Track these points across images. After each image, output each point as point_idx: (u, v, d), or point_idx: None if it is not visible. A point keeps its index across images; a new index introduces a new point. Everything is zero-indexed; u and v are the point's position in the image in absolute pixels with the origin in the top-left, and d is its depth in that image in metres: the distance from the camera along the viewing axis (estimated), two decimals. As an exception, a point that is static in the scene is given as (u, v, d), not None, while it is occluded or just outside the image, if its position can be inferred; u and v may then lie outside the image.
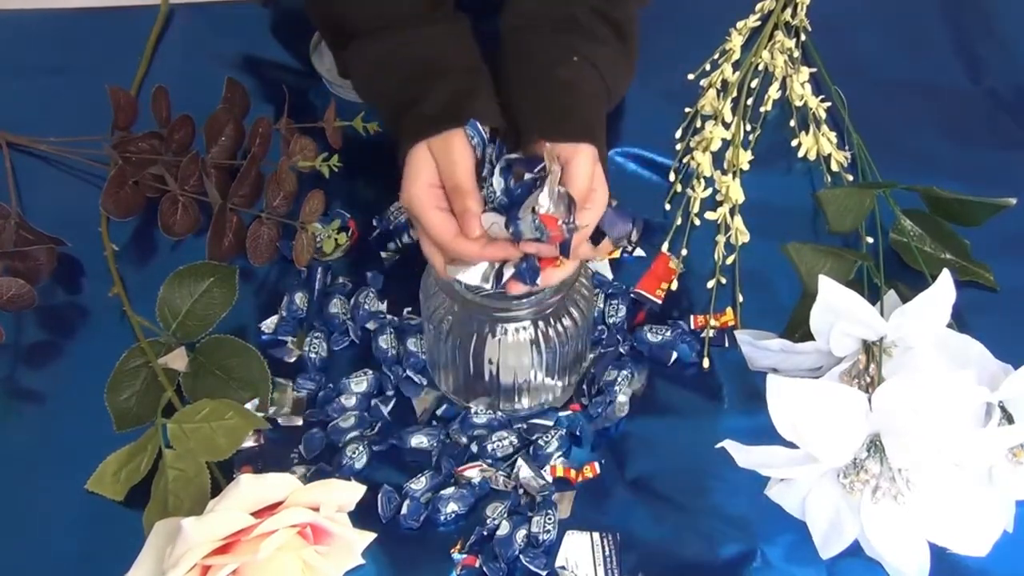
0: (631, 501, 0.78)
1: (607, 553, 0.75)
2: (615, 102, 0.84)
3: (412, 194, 0.73)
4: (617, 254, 0.90)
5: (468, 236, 0.71)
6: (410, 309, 0.87)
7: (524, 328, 0.76)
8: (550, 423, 0.80)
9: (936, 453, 0.69)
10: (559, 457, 0.79)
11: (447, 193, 0.73)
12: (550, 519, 0.75)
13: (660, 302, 0.87)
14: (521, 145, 0.75)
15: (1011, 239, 0.89)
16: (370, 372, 0.83)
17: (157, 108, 0.92)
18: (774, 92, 1.00)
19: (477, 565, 0.74)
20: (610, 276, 0.89)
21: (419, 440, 0.80)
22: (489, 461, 0.79)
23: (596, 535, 0.75)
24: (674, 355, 0.84)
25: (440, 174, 0.74)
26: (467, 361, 0.78)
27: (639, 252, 0.90)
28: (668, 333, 0.84)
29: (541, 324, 0.77)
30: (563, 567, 0.74)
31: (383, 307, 0.87)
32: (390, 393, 0.83)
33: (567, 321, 0.77)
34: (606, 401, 0.81)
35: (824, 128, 0.97)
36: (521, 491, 0.78)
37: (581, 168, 0.73)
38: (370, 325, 0.86)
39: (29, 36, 1.06)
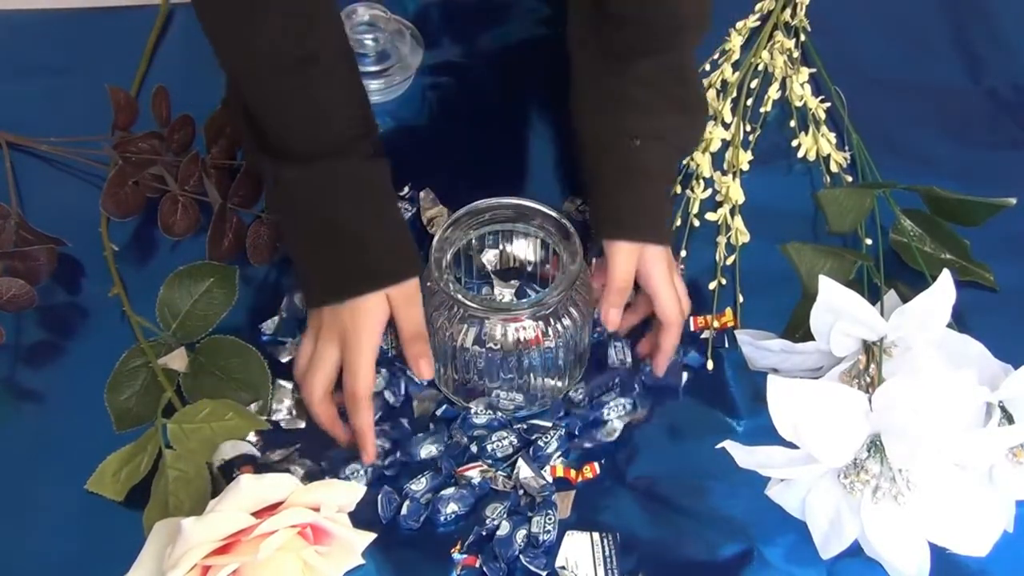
0: (631, 501, 0.78)
1: (607, 553, 0.75)
2: (692, 150, 0.91)
3: (368, 341, 0.76)
4: None
5: (422, 377, 0.78)
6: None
7: (524, 328, 0.77)
8: (549, 423, 0.80)
9: (936, 453, 0.69)
10: (559, 457, 0.79)
11: (404, 340, 0.77)
12: (550, 519, 0.75)
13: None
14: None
15: (1011, 239, 0.89)
16: (383, 370, 0.83)
17: (157, 108, 0.92)
18: (774, 92, 1.00)
19: (477, 565, 0.74)
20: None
21: (428, 450, 0.79)
22: (489, 461, 0.79)
23: (596, 535, 0.75)
24: (685, 376, 0.82)
25: (399, 322, 0.77)
26: (466, 361, 0.78)
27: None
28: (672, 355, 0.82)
29: (541, 324, 0.77)
30: (563, 567, 0.74)
31: None
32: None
33: (567, 320, 0.77)
34: (589, 419, 0.80)
35: (824, 128, 0.96)
36: (521, 491, 0.78)
37: (617, 264, 0.79)
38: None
39: (29, 36, 1.06)
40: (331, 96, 0.76)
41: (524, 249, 0.84)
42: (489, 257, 0.85)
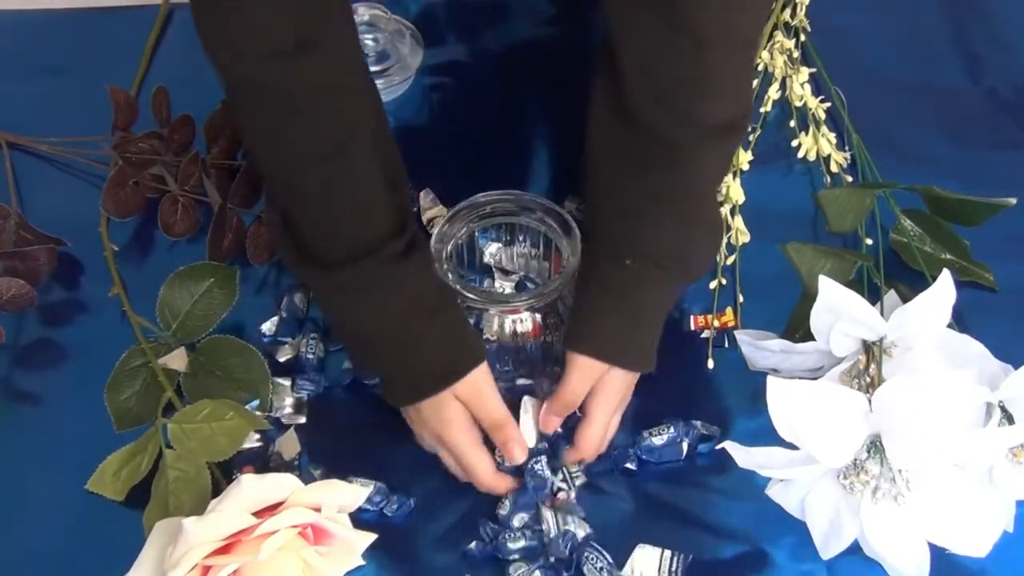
0: (631, 501, 0.78)
1: (673, 568, 0.74)
2: (699, 276, 0.80)
3: (461, 441, 0.75)
4: None
5: (514, 462, 0.75)
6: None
7: (523, 321, 0.77)
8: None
9: (936, 453, 0.69)
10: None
11: (487, 429, 0.75)
12: None
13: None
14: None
15: (1011, 239, 0.89)
16: None
17: (157, 108, 0.92)
18: (774, 92, 1.00)
19: None
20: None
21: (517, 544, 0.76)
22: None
23: (668, 552, 0.75)
24: (686, 447, 0.79)
25: (475, 413, 0.75)
26: None
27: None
28: (671, 430, 0.79)
29: (539, 316, 0.77)
30: None
31: None
32: None
33: (566, 313, 0.77)
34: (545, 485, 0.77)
35: (824, 128, 0.97)
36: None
37: (571, 378, 0.75)
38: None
39: (29, 36, 1.06)
40: (365, 181, 0.72)
41: (525, 244, 0.84)
42: (492, 250, 0.85)
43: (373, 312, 0.73)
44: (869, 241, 0.89)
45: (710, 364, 0.84)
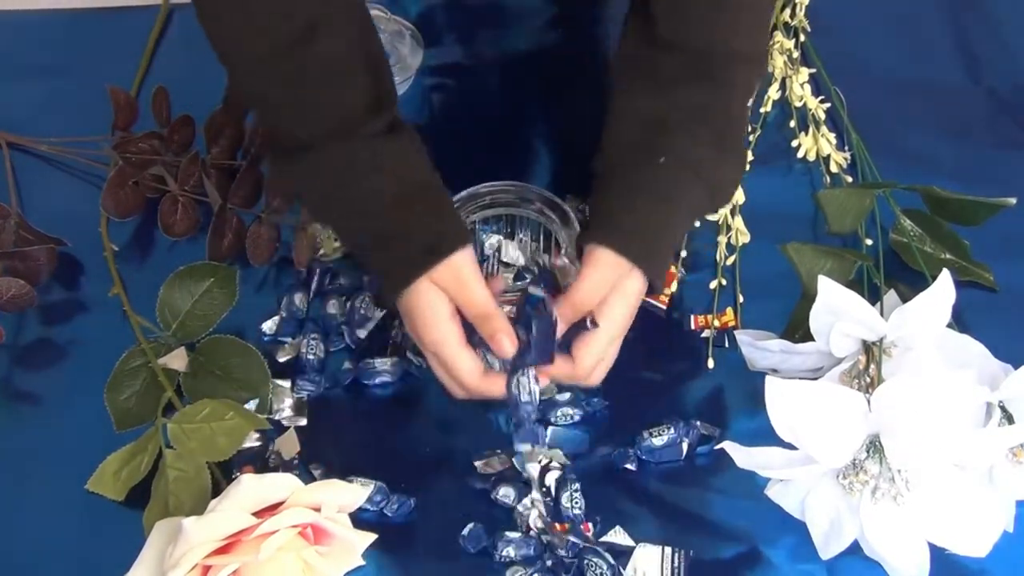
0: (631, 501, 0.78)
1: (676, 564, 0.74)
2: (725, 195, 0.77)
3: (437, 337, 0.70)
4: None
5: (504, 355, 0.70)
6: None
7: None
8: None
9: (936, 453, 0.69)
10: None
11: (472, 321, 0.71)
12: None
13: (665, 307, 0.87)
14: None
15: (1011, 239, 0.89)
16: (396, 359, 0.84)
17: (157, 108, 0.92)
18: (774, 92, 1.00)
19: None
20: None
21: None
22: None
23: (668, 549, 0.75)
24: (686, 447, 0.79)
25: (458, 304, 0.71)
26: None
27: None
28: (671, 430, 0.80)
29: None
30: None
31: (379, 313, 0.87)
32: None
33: None
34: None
35: (824, 129, 0.96)
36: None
37: (590, 276, 0.70)
38: (361, 334, 0.86)
39: (29, 36, 1.06)
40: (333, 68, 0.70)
41: (524, 236, 0.84)
42: (491, 242, 0.85)
43: (351, 193, 0.71)
44: (869, 241, 0.89)
45: (710, 364, 0.84)
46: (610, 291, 0.71)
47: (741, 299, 0.87)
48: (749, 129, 0.97)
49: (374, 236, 0.72)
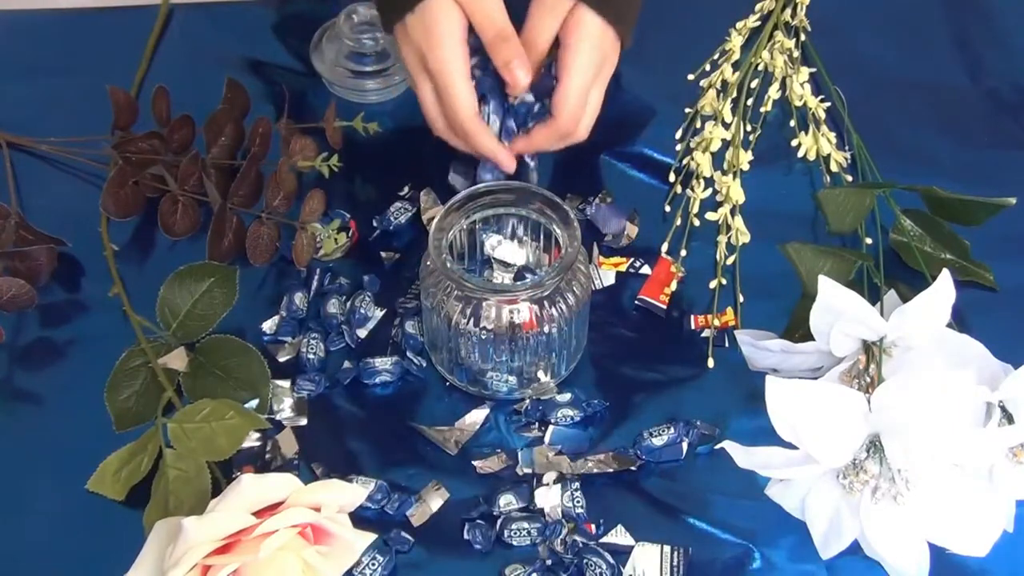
0: (631, 501, 0.78)
1: (675, 563, 0.75)
2: None
3: (445, 56, 0.65)
4: (623, 267, 0.90)
5: (517, 86, 0.66)
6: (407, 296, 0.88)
7: (520, 312, 0.77)
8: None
9: (936, 453, 0.69)
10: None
11: (487, 43, 0.66)
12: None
13: (665, 307, 0.87)
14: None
15: (1011, 239, 0.89)
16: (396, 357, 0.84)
17: (157, 108, 0.92)
18: (774, 92, 1.00)
19: None
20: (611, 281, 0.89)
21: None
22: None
23: (667, 548, 0.75)
24: (685, 447, 0.80)
25: (476, 22, 0.66)
26: (461, 340, 0.79)
27: (645, 269, 0.89)
28: (671, 430, 0.80)
29: (536, 307, 0.77)
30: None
31: (379, 313, 0.87)
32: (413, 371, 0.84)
33: (563, 305, 0.77)
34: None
35: (824, 128, 0.97)
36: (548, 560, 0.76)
37: (532, 13, 0.67)
38: (361, 333, 0.86)
39: (29, 36, 1.06)
40: None
41: (524, 236, 0.84)
42: (492, 242, 0.85)
43: None
44: (869, 241, 0.89)
45: (710, 364, 0.84)
46: (569, 35, 0.68)
47: (741, 299, 0.87)
48: (749, 128, 0.97)
49: None
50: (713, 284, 0.88)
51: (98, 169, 0.94)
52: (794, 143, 0.97)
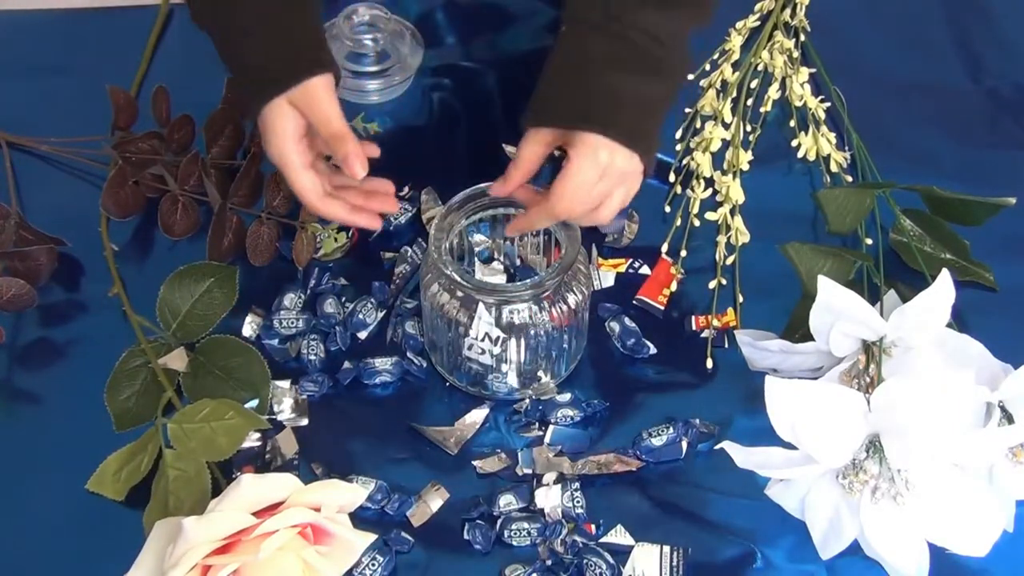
0: (631, 501, 0.78)
1: (675, 563, 0.75)
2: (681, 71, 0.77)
3: (279, 154, 0.74)
4: (622, 268, 0.90)
5: (355, 177, 0.74)
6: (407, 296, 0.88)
7: (519, 312, 0.77)
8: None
9: (936, 453, 0.69)
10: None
11: (326, 141, 0.74)
12: None
13: (663, 308, 0.87)
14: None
15: (1011, 239, 0.89)
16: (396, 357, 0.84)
17: (157, 108, 0.92)
18: (774, 92, 1.00)
19: None
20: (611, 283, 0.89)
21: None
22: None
23: (667, 548, 0.75)
24: (685, 446, 0.80)
25: (313, 124, 0.74)
26: (461, 342, 0.79)
27: (644, 270, 0.90)
28: (671, 430, 0.80)
29: (536, 308, 0.77)
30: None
31: (378, 316, 0.87)
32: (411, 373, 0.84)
33: (563, 306, 0.77)
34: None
35: (824, 128, 0.97)
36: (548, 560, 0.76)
37: (523, 151, 0.74)
38: (361, 335, 0.86)
39: (29, 36, 1.06)
40: None
41: (523, 236, 0.84)
42: (489, 243, 0.85)
43: (220, 7, 0.74)
44: (869, 241, 0.89)
45: (710, 364, 0.84)
46: (569, 151, 0.73)
47: (741, 299, 0.87)
48: (749, 128, 0.97)
49: (240, 61, 0.75)
50: (713, 284, 0.88)
51: (98, 169, 0.94)
52: (794, 143, 0.97)
